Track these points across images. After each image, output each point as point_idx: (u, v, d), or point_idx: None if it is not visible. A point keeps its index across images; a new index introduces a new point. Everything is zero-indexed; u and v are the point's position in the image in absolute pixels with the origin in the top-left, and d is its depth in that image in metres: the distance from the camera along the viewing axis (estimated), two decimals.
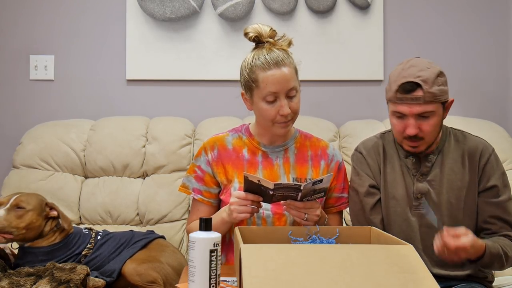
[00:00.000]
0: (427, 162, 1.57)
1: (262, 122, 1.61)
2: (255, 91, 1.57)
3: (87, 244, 1.83)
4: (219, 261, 1.14)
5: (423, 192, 1.56)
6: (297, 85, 1.58)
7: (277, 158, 1.65)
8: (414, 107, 1.47)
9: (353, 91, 2.57)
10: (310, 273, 1.02)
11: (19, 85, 2.53)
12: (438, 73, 1.48)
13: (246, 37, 1.60)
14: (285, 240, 1.34)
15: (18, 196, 1.78)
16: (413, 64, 1.50)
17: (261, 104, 1.56)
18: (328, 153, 1.69)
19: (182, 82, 2.54)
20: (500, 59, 2.57)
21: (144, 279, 1.72)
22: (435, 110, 1.48)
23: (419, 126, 1.48)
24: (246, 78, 1.58)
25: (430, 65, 1.50)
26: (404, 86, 1.47)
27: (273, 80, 1.52)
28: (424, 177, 1.57)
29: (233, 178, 1.62)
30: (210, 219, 1.17)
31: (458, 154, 1.57)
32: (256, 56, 1.56)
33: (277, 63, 1.53)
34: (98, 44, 2.54)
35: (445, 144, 1.59)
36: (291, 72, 1.55)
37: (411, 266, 1.06)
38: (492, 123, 2.41)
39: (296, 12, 2.53)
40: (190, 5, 2.50)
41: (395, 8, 2.56)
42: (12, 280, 1.53)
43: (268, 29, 1.59)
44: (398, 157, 1.61)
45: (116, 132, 2.32)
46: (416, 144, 1.52)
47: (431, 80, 1.46)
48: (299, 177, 1.64)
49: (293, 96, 1.56)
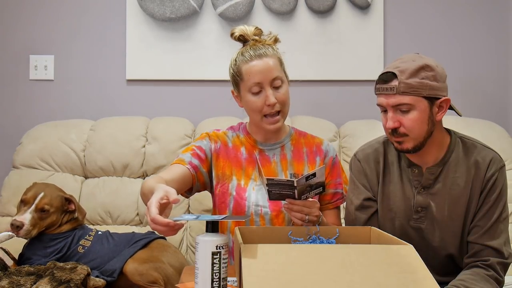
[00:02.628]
0: (430, 175, 1.46)
1: (252, 116, 1.63)
2: (241, 85, 1.60)
3: (86, 235, 1.88)
4: (223, 264, 1.11)
5: (423, 206, 1.47)
6: (282, 76, 1.59)
7: (274, 155, 1.65)
8: (389, 98, 1.39)
9: (353, 91, 2.57)
10: (310, 273, 1.02)
11: (19, 85, 2.54)
12: (423, 65, 1.38)
13: (232, 37, 1.64)
14: (285, 240, 1.34)
15: (42, 197, 1.84)
16: (402, 57, 1.44)
17: (247, 96, 1.58)
18: (322, 149, 1.69)
19: (182, 82, 2.55)
20: (500, 59, 2.57)
21: (145, 279, 1.72)
22: (414, 104, 1.37)
23: (399, 120, 1.40)
24: (232, 74, 1.63)
25: (419, 58, 1.41)
26: (381, 76, 1.42)
27: (256, 71, 1.55)
28: (426, 190, 1.47)
29: (232, 175, 1.62)
30: (217, 222, 1.14)
31: (465, 166, 1.45)
32: (241, 52, 1.61)
33: (259, 55, 1.57)
34: (98, 44, 2.54)
35: (452, 155, 1.47)
36: (275, 63, 1.57)
37: (411, 266, 1.06)
38: (492, 123, 2.41)
39: (296, 12, 2.53)
40: (190, 5, 2.51)
41: (395, 8, 2.56)
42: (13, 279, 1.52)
43: (253, 28, 1.64)
44: (399, 166, 1.52)
45: (116, 132, 2.32)
46: (400, 140, 1.42)
47: (410, 71, 1.37)
48: (297, 173, 1.64)
49: (279, 87, 1.57)
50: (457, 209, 1.45)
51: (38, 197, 1.83)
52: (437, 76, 1.39)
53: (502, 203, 1.45)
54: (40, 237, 1.82)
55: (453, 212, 1.45)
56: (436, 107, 1.41)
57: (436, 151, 1.46)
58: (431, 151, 1.46)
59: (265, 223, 1.58)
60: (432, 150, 1.46)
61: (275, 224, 1.59)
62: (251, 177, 1.62)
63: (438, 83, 1.40)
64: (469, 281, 1.35)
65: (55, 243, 1.81)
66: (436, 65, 1.41)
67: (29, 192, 1.86)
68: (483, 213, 1.44)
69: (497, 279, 1.39)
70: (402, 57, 1.44)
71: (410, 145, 1.43)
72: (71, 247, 1.82)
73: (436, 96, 1.40)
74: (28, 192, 1.87)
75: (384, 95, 1.41)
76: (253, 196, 1.59)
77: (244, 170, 1.63)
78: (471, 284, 1.34)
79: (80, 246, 1.83)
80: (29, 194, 1.85)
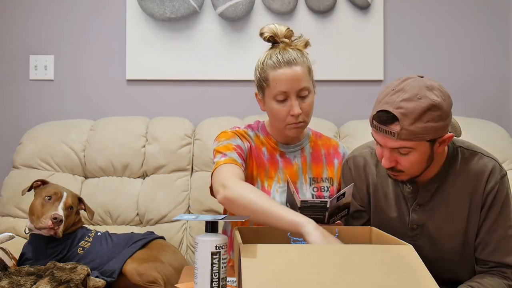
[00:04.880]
0: (425, 192, 1.37)
1: (275, 123, 1.59)
2: (266, 90, 1.54)
3: (86, 236, 1.86)
4: (223, 264, 1.11)
5: (419, 224, 1.39)
6: (309, 86, 1.53)
7: (295, 157, 1.63)
8: (388, 141, 1.26)
9: (353, 91, 2.57)
10: (309, 273, 1.02)
11: (19, 85, 2.54)
12: (428, 106, 1.20)
13: (262, 37, 1.57)
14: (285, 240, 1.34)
15: (68, 195, 1.84)
16: (404, 88, 1.24)
17: (272, 103, 1.53)
18: (340, 152, 1.68)
19: (182, 82, 2.54)
20: (500, 59, 2.57)
21: (145, 279, 1.72)
22: (415, 148, 1.25)
23: (396, 159, 1.29)
24: (258, 78, 1.57)
25: (424, 94, 1.21)
26: (379, 115, 1.25)
27: (284, 79, 1.49)
28: (421, 207, 1.39)
29: (257, 177, 1.59)
30: (216, 222, 1.14)
31: (463, 179, 1.35)
32: (269, 55, 1.54)
33: (288, 62, 1.50)
34: (98, 44, 2.54)
35: (450, 169, 1.36)
36: (304, 72, 1.51)
37: (411, 266, 1.06)
38: (492, 123, 2.41)
39: (296, 12, 2.53)
40: (190, 5, 2.50)
41: (395, 8, 2.56)
42: (13, 279, 1.52)
43: (285, 29, 1.57)
44: (392, 181, 1.42)
45: (116, 132, 2.32)
46: (396, 174, 1.33)
47: (415, 115, 1.20)
48: (316, 177, 1.62)
49: (305, 97, 1.52)
50: (455, 226, 1.37)
51: (64, 195, 1.82)
52: (443, 115, 1.23)
53: (507, 215, 1.34)
54: (41, 238, 1.80)
55: (451, 229, 1.38)
56: (438, 143, 1.29)
57: (433, 167, 1.36)
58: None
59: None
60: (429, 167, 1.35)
61: None
62: (274, 178, 1.59)
63: (443, 122, 1.24)
64: (487, 285, 1.30)
65: (56, 245, 1.79)
66: (443, 98, 1.24)
67: (52, 190, 1.82)
68: (486, 228, 1.35)
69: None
70: (405, 87, 1.24)
71: (405, 178, 1.35)
72: (71, 249, 1.81)
73: (439, 136, 1.27)
74: (50, 189, 1.82)
75: (382, 136, 1.27)
76: (278, 198, 1.57)
77: (267, 172, 1.60)
78: None
79: (80, 248, 1.82)
80: (52, 191, 1.81)
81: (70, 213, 1.83)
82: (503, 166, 2.20)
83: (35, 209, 1.79)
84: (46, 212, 1.76)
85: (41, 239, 1.79)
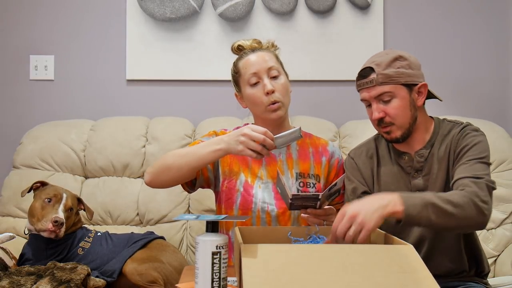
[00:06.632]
0: (419, 157, 1.53)
1: (255, 111, 1.65)
2: (240, 81, 1.65)
3: (86, 237, 1.86)
4: (223, 264, 1.11)
5: (420, 188, 1.52)
6: (279, 67, 1.63)
7: (280, 154, 1.66)
8: (371, 91, 1.50)
9: (353, 91, 2.53)
10: (310, 273, 1.02)
11: (19, 85, 2.54)
12: (396, 56, 1.49)
13: (232, 50, 1.71)
14: (285, 240, 1.34)
15: (67, 197, 1.83)
16: (375, 54, 1.54)
17: (247, 90, 1.62)
18: (328, 150, 1.72)
19: (182, 82, 2.55)
20: (500, 59, 2.58)
21: (144, 279, 1.72)
22: (394, 91, 1.48)
23: (383, 110, 1.49)
24: (232, 75, 1.70)
25: (391, 51, 1.52)
26: (360, 73, 1.53)
27: (251, 62, 1.62)
28: (419, 173, 1.54)
29: (240, 172, 1.63)
30: (217, 222, 1.14)
31: (446, 144, 1.53)
32: (240, 56, 1.68)
33: (253, 50, 1.65)
34: (98, 44, 2.54)
35: (437, 136, 1.55)
36: (270, 56, 1.63)
37: (411, 266, 1.06)
38: (491, 123, 2.41)
39: (296, 12, 2.53)
40: (190, 5, 2.51)
41: (395, 8, 2.56)
42: (13, 279, 1.53)
43: (251, 40, 1.71)
44: (390, 158, 1.59)
45: (116, 132, 2.32)
46: (388, 129, 1.51)
47: (385, 62, 1.48)
48: (302, 172, 1.65)
49: (276, 77, 1.61)
50: (449, 185, 1.47)
51: (64, 196, 1.82)
52: (411, 65, 1.50)
53: (476, 151, 1.45)
54: (40, 238, 1.79)
55: (447, 190, 1.45)
56: (415, 93, 1.51)
57: (422, 136, 1.55)
58: (417, 137, 1.54)
59: (271, 220, 1.59)
60: (418, 135, 1.54)
61: (281, 221, 1.60)
62: (257, 175, 1.63)
63: (413, 70, 1.50)
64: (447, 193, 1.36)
65: (56, 245, 1.79)
66: (409, 55, 1.51)
67: (51, 191, 1.81)
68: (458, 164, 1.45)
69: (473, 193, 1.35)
70: (376, 54, 1.55)
71: (398, 134, 1.51)
72: (71, 250, 1.80)
73: (413, 83, 1.50)
74: (50, 191, 1.81)
75: (365, 89, 1.52)
76: (260, 194, 1.60)
77: (250, 168, 1.64)
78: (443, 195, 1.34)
79: (80, 248, 1.82)
80: (52, 193, 1.80)
81: (70, 214, 1.82)
82: (503, 166, 2.22)
83: (35, 211, 1.78)
84: (46, 214, 1.75)
85: (40, 240, 1.78)
